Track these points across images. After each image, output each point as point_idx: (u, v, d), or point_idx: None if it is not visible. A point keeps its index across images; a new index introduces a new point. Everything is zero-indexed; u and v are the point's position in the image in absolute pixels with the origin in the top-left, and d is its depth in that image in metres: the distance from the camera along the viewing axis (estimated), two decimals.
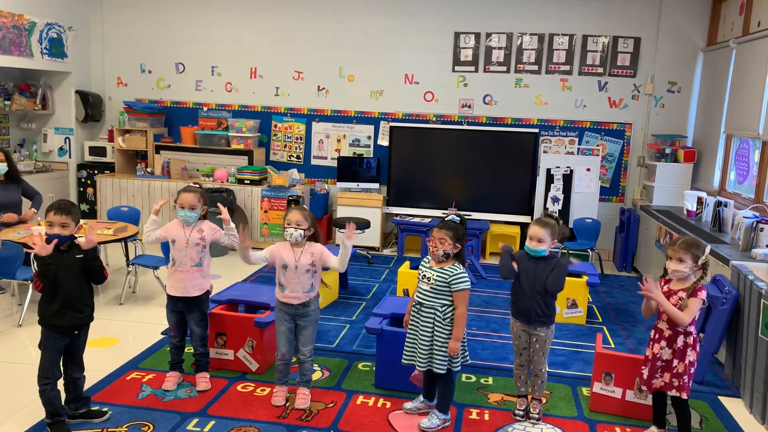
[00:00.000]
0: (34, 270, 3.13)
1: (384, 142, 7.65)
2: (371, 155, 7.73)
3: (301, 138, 7.89)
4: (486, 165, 7.31)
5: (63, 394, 3.23)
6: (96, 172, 7.77)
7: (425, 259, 3.40)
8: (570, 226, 6.89)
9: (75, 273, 3.11)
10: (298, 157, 7.94)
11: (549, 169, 7.00)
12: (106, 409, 3.40)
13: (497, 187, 7.33)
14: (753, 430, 3.59)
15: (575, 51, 7.25)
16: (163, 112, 8.01)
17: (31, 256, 3.89)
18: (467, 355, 3.41)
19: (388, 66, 7.58)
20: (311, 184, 7.80)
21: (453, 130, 7.38)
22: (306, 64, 7.73)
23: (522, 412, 3.56)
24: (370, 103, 7.70)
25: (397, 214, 7.50)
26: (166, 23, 7.91)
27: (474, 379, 4.05)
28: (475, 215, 7.23)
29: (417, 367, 3.36)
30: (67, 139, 7.76)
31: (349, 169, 7.58)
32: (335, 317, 5.08)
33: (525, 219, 7.26)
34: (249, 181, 7.36)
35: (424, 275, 3.32)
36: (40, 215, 5.51)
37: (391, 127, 7.52)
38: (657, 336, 3.27)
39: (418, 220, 7.27)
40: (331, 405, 3.61)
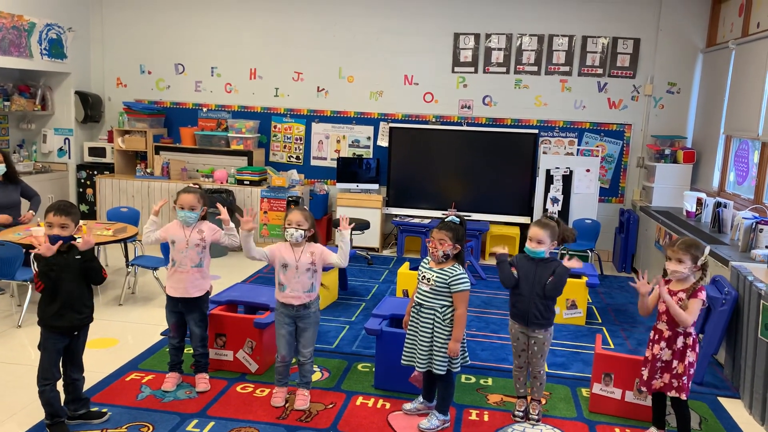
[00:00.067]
0: (35, 270, 3.13)
1: (383, 142, 7.65)
2: (371, 156, 7.73)
3: (300, 139, 7.89)
4: (486, 166, 7.31)
5: (62, 395, 3.23)
6: (95, 172, 7.77)
7: (425, 260, 3.40)
8: (570, 226, 6.88)
9: (74, 274, 3.11)
10: (297, 157, 7.94)
11: (548, 170, 7.00)
12: (105, 410, 3.40)
13: (497, 188, 7.32)
14: (752, 431, 3.59)
15: (575, 52, 7.26)
16: (162, 113, 8.01)
17: (31, 256, 3.89)
18: (467, 356, 3.41)
19: (388, 67, 7.58)
20: (311, 185, 7.80)
21: (452, 131, 7.38)
22: (306, 64, 7.74)
23: (521, 413, 3.56)
24: (370, 103, 7.70)
25: (396, 215, 7.50)
26: (165, 24, 7.91)
27: (473, 380, 4.05)
28: (475, 216, 7.23)
29: (416, 367, 3.35)
30: (67, 140, 7.76)
31: (348, 169, 7.58)
32: (335, 318, 5.08)
33: (524, 220, 7.26)
34: (248, 182, 7.37)
35: (424, 276, 3.32)
36: (38, 216, 5.51)
37: (390, 127, 7.52)
38: (656, 337, 3.27)
39: (417, 220, 7.27)
40: (330, 406, 3.61)
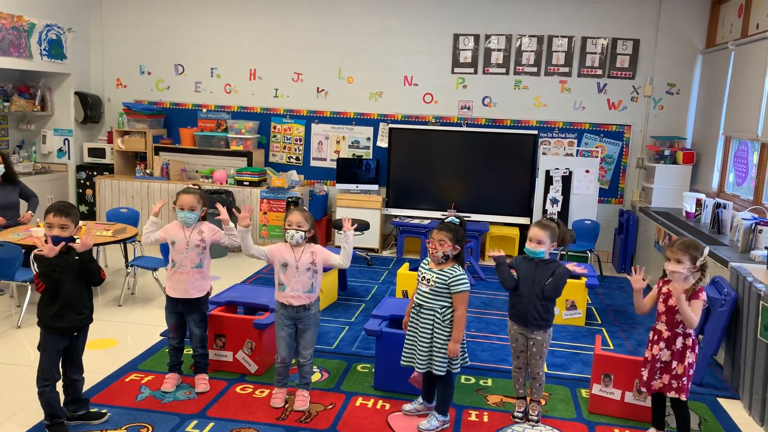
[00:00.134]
0: (35, 271, 3.13)
1: (383, 143, 7.65)
2: (370, 157, 7.73)
3: (300, 139, 7.89)
4: (485, 166, 7.31)
5: (62, 396, 3.23)
6: (95, 173, 7.77)
7: (425, 260, 3.40)
8: (569, 227, 6.89)
9: (74, 275, 3.11)
10: (297, 158, 7.94)
11: (548, 171, 7.00)
12: (105, 410, 3.40)
13: (496, 189, 7.33)
14: None
15: (574, 53, 7.26)
16: (162, 114, 8.01)
17: (31, 257, 3.89)
18: (466, 357, 3.41)
19: (388, 68, 7.59)
20: (310, 186, 7.80)
21: (452, 132, 7.38)
22: (305, 65, 7.74)
23: (521, 414, 3.56)
24: (370, 104, 7.70)
25: (396, 216, 7.50)
26: (165, 25, 7.91)
27: (473, 380, 4.05)
28: (475, 217, 7.23)
29: (416, 368, 3.35)
30: (66, 141, 7.76)
31: (348, 170, 7.58)
32: (334, 319, 5.08)
33: (524, 221, 7.26)
34: (248, 183, 7.37)
35: (424, 277, 3.32)
36: (37, 216, 5.50)
37: (390, 128, 7.52)
38: (656, 337, 3.28)
39: (417, 221, 7.27)
40: (330, 407, 3.61)
